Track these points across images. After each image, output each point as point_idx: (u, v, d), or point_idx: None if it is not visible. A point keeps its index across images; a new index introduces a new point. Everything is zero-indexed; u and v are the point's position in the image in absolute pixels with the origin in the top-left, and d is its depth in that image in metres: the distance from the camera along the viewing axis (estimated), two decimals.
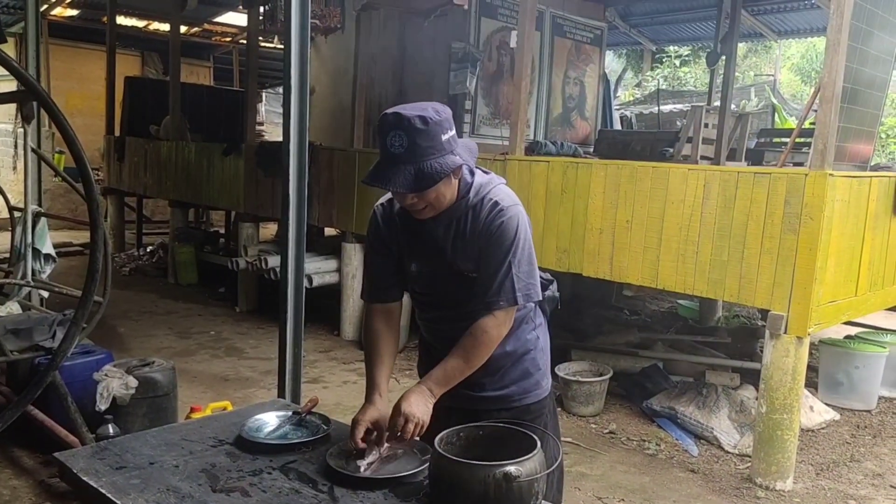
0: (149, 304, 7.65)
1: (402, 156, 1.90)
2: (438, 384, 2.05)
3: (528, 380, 2.26)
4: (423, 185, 1.92)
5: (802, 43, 19.05)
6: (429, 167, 1.90)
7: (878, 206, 4.46)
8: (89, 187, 3.08)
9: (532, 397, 2.27)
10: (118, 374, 3.70)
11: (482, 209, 2.07)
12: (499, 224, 2.04)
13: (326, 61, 9.11)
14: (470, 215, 2.08)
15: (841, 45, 3.76)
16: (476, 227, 2.06)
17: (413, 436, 1.98)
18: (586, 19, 8.90)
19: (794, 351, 3.91)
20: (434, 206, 2.03)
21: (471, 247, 2.08)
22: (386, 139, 1.93)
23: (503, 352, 2.19)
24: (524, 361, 2.25)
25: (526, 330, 2.26)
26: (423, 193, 1.97)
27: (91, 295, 3.14)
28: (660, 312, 8.03)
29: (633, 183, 4.54)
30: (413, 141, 1.90)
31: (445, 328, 2.23)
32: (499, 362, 2.19)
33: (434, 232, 2.11)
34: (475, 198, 2.08)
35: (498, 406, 2.22)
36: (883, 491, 4.10)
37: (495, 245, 2.04)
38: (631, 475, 4.13)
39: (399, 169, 1.90)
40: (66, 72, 13.21)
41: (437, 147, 1.92)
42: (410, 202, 2.00)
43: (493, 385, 2.22)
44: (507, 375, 2.23)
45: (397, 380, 5.57)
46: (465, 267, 2.10)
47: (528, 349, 2.26)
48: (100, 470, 1.96)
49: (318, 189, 6.65)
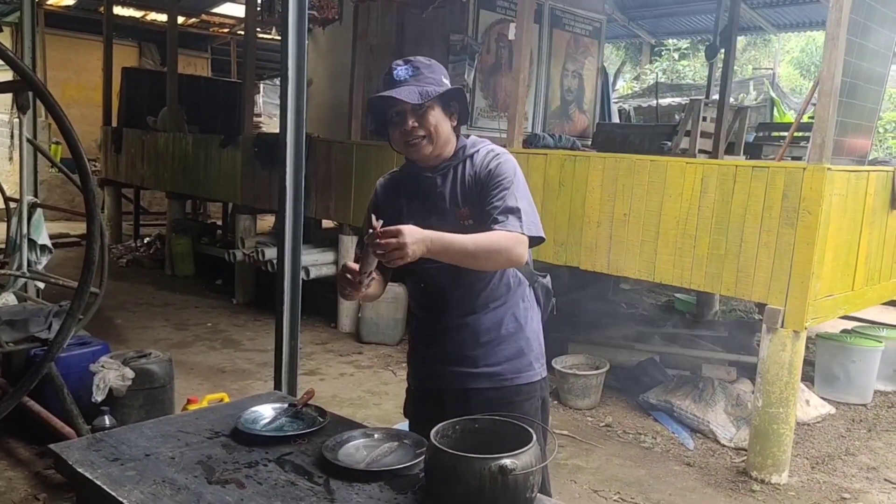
0: (146, 295, 7.65)
1: (407, 80, 2.09)
2: (440, 238, 1.92)
3: (521, 359, 2.25)
4: (425, 97, 2.05)
5: (802, 37, 19.04)
6: (431, 89, 2.08)
7: (876, 201, 4.46)
8: (85, 178, 3.06)
9: (524, 378, 2.26)
10: (115, 366, 3.69)
11: (478, 155, 2.18)
12: (497, 164, 2.13)
13: (324, 53, 9.08)
14: (468, 163, 2.18)
15: (840, 39, 3.75)
16: (474, 172, 2.15)
17: (388, 247, 1.83)
18: (585, 12, 8.88)
19: (791, 345, 3.92)
20: (432, 137, 2.11)
21: (471, 193, 2.14)
22: (393, 71, 2.12)
23: (495, 321, 2.21)
24: (517, 339, 2.25)
25: (519, 306, 2.27)
26: (424, 117, 2.09)
27: (87, 286, 3.13)
28: (657, 306, 8.03)
29: (631, 176, 4.53)
30: (418, 70, 2.11)
31: (437, 296, 2.23)
32: (490, 333, 2.21)
33: (433, 184, 2.17)
34: (471, 149, 2.21)
35: (489, 384, 2.21)
36: (877, 484, 4.12)
37: (495, 179, 2.10)
38: (627, 468, 4.14)
39: (403, 87, 2.06)
40: (62, 62, 13.15)
41: (438, 81, 2.12)
42: (412, 126, 2.09)
43: (486, 360, 2.22)
44: (501, 352, 2.23)
45: (394, 372, 5.58)
46: (464, 213, 2.14)
47: (520, 325, 2.26)
48: (95, 461, 1.96)
49: (316, 181, 6.64)
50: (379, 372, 5.59)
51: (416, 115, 2.09)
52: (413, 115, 2.09)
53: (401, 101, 2.05)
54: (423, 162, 2.17)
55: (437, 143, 2.13)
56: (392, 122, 2.14)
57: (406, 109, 2.08)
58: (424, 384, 2.38)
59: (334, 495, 1.83)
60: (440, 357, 2.27)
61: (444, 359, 2.26)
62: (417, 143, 2.11)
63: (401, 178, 2.30)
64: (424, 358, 2.35)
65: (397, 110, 2.10)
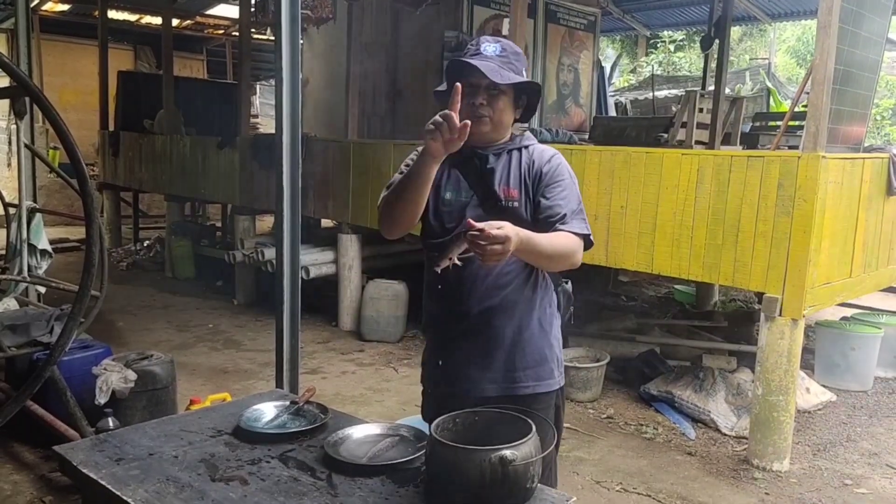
0: (146, 298, 7.67)
1: (493, 57, 2.09)
2: (529, 239, 1.87)
3: (543, 367, 2.20)
4: (506, 80, 2.05)
5: (798, 26, 19.02)
6: (513, 75, 2.08)
7: (872, 188, 4.48)
8: (83, 182, 3.08)
9: (544, 386, 2.21)
10: (117, 368, 3.71)
11: (534, 148, 2.19)
12: (558, 163, 2.15)
13: (319, 52, 9.08)
14: (523, 153, 2.18)
15: (832, 27, 3.76)
16: (531, 161, 2.15)
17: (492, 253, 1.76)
18: (580, 6, 8.89)
19: (790, 333, 3.93)
20: (493, 120, 2.11)
21: (525, 179, 2.13)
22: (481, 45, 2.12)
23: (519, 325, 2.15)
24: (541, 346, 2.20)
25: (546, 311, 2.22)
26: (495, 99, 2.09)
27: (88, 289, 3.15)
28: (656, 298, 8.05)
29: (627, 169, 4.55)
30: (505, 52, 2.12)
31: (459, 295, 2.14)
32: (513, 337, 2.15)
33: (483, 160, 2.15)
34: (527, 141, 2.21)
35: (509, 391, 2.15)
36: (879, 470, 4.14)
37: (556, 177, 2.11)
38: (629, 459, 4.16)
39: (487, 63, 2.05)
40: (58, 67, 13.15)
41: (519, 70, 2.13)
42: (480, 102, 2.08)
43: (507, 366, 2.16)
44: (523, 358, 2.17)
45: (395, 369, 5.60)
46: (513, 195, 2.12)
47: (544, 330, 2.21)
48: (99, 462, 1.98)
49: (314, 181, 6.65)
50: (381, 369, 5.61)
51: (488, 94, 2.08)
52: (486, 92, 2.08)
53: (478, 75, 2.03)
54: (474, 140, 2.07)
55: (497, 128, 2.13)
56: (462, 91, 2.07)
57: (481, 85, 2.07)
58: (442, 388, 2.26)
59: (337, 490, 1.85)
60: (459, 361, 2.19)
61: (463, 363, 2.19)
62: (478, 122, 2.08)
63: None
64: (442, 361, 2.25)
65: (472, 82, 2.07)
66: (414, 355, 5.95)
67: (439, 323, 2.27)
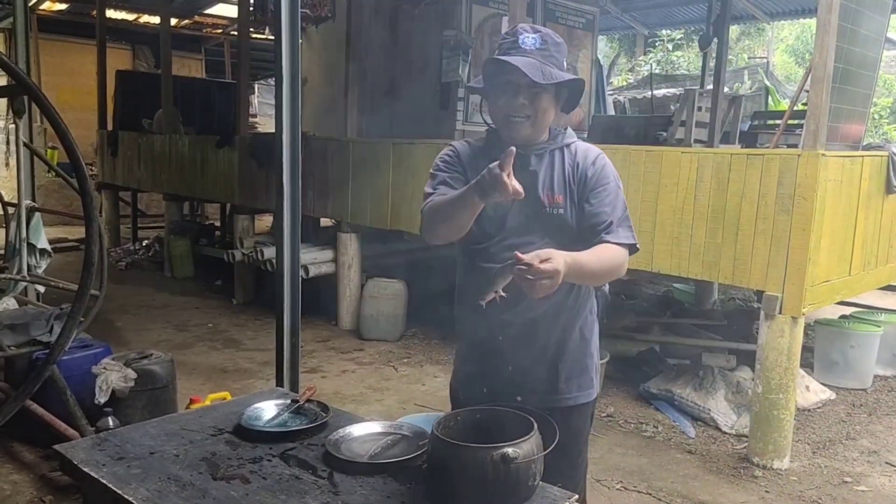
0: (145, 297, 7.66)
1: (533, 52, 1.95)
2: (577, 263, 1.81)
3: (583, 377, 2.14)
4: (549, 78, 1.92)
5: (797, 24, 19.04)
6: (555, 71, 1.95)
7: (871, 186, 4.48)
8: (83, 181, 3.08)
9: (584, 397, 2.15)
10: (117, 367, 3.70)
11: (577, 147, 2.09)
12: (603, 165, 2.06)
13: (318, 51, 9.07)
14: (565, 152, 2.08)
15: (831, 25, 3.76)
16: (575, 163, 2.05)
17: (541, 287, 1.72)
18: (578, 4, 8.87)
19: (789, 331, 3.93)
20: (534, 120, 1.99)
21: (569, 183, 2.04)
22: (519, 36, 1.98)
23: (562, 335, 2.08)
24: (583, 356, 2.14)
25: (587, 319, 2.16)
26: (537, 98, 1.97)
27: (87, 289, 3.15)
28: (655, 296, 8.05)
29: (627, 167, 4.54)
30: (545, 44, 1.98)
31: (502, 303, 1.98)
32: (556, 347, 2.08)
33: (525, 162, 2.02)
34: (569, 139, 2.11)
35: (549, 402, 2.06)
36: (879, 468, 4.14)
37: (602, 180, 2.02)
38: (629, 457, 4.16)
39: (527, 58, 1.92)
40: (56, 67, 13.14)
41: (560, 63, 2.00)
42: (521, 103, 1.97)
43: (549, 376, 2.09)
44: (564, 368, 2.10)
45: (395, 368, 5.60)
46: (558, 201, 2.02)
47: (586, 340, 2.15)
48: (100, 461, 1.97)
49: (313, 180, 6.65)
50: (380, 368, 5.61)
51: (529, 93, 1.96)
52: (527, 91, 1.95)
53: (518, 73, 1.90)
54: (513, 140, 1.97)
55: (538, 127, 2.02)
56: (500, 90, 2.00)
57: (522, 83, 1.94)
58: (479, 397, 2.12)
59: (338, 488, 1.85)
60: (500, 371, 2.10)
61: (504, 374, 2.10)
62: (519, 123, 2.00)
63: (484, 147, 2.13)
64: (481, 370, 2.16)
65: (511, 79, 1.95)
66: (413, 354, 5.95)
67: (478, 332, 2.14)
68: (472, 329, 2.17)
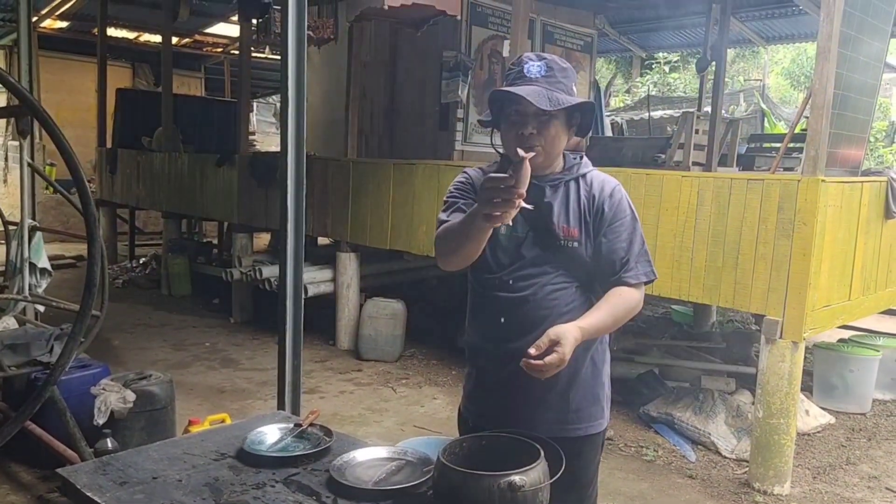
0: (143, 316, 7.63)
1: (538, 79, 1.94)
2: (589, 330, 1.84)
3: (594, 406, 2.11)
4: (555, 104, 1.90)
5: (792, 47, 19.20)
6: (563, 97, 1.93)
7: (870, 211, 4.50)
8: (86, 201, 3.07)
9: (595, 427, 2.11)
10: (116, 388, 3.69)
11: (593, 178, 2.06)
12: (620, 197, 2.03)
13: (319, 72, 9.12)
14: (581, 183, 2.05)
15: (831, 52, 3.80)
16: (591, 196, 2.02)
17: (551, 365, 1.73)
18: (576, 27, 8.95)
19: (790, 356, 3.94)
20: (545, 148, 1.96)
21: (585, 215, 2.01)
22: (524, 65, 1.97)
23: (574, 364, 1.96)
24: (594, 385, 2.11)
25: (598, 347, 2.11)
26: (546, 126, 1.94)
27: (89, 309, 3.13)
28: (654, 318, 8.05)
29: (627, 190, 4.46)
30: (552, 70, 1.96)
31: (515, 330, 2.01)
32: (568, 377, 2.02)
33: (540, 193, 1.99)
34: (585, 169, 2.08)
35: (560, 433, 2.02)
36: (879, 493, 4.13)
37: (620, 214, 2.00)
38: (630, 482, 4.14)
39: (533, 87, 1.91)
40: (56, 84, 13.17)
41: (568, 89, 1.97)
42: (530, 132, 1.94)
43: (559, 406, 2.06)
44: (575, 398, 2.07)
45: (394, 389, 5.58)
46: (573, 234, 1.99)
47: (598, 369, 2.12)
48: (103, 485, 1.95)
49: (312, 199, 6.66)
50: (379, 389, 5.59)
51: (538, 122, 1.93)
52: (535, 120, 1.93)
53: (525, 102, 1.89)
54: None
55: (549, 155, 1.99)
56: (509, 120, 1.98)
57: (529, 112, 1.92)
58: (488, 425, 2.06)
59: None
60: (510, 399, 2.07)
61: (514, 402, 2.06)
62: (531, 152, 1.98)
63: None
64: (491, 398, 2.14)
65: (518, 110, 1.94)
66: (412, 375, 5.93)
67: (488, 360, 2.13)
68: (482, 357, 2.15)
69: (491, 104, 2.04)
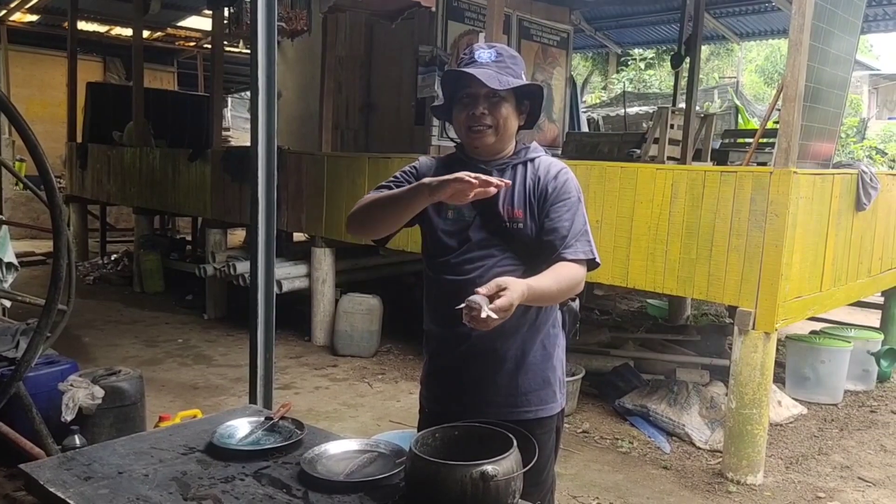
0: (114, 313, 7.52)
1: (488, 64, 2.00)
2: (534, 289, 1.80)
3: (545, 390, 2.13)
4: (504, 85, 1.97)
5: (765, 45, 19.43)
6: (512, 80, 2.00)
7: (841, 203, 4.55)
8: (51, 193, 3.01)
9: (547, 410, 2.14)
10: (84, 384, 3.62)
11: (540, 162, 2.10)
12: (565, 179, 2.06)
13: (293, 65, 9.05)
14: (528, 167, 2.08)
15: (803, 44, 3.82)
16: (537, 178, 2.05)
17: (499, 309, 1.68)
18: (553, 22, 8.96)
19: (763, 346, 3.96)
20: (497, 129, 2.02)
21: (530, 198, 2.04)
22: (475, 52, 2.05)
23: (523, 348, 2.08)
24: (544, 368, 2.13)
25: (549, 332, 2.14)
26: (496, 107, 2.00)
27: (55, 303, 3.07)
28: (630, 312, 8.10)
29: (603, 183, 4.57)
30: (501, 57, 2.03)
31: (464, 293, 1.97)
32: (517, 360, 2.08)
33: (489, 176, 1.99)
34: (533, 153, 2.12)
35: (512, 416, 2.06)
36: (851, 483, 4.17)
37: (563, 195, 2.02)
38: (605, 473, 4.15)
39: (484, 70, 1.98)
40: (25, 78, 12.96)
41: (517, 74, 2.04)
42: (481, 112, 2.00)
43: (510, 390, 2.09)
44: (526, 381, 2.10)
45: (370, 384, 5.54)
46: (518, 216, 2.03)
47: (548, 353, 2.14)
48: (67, 481, 1.91)
49: (287, 194, 6.60)
50: (354, 384, 5.55)
51: (489, 103, 2.00)
52: (486, 101, 2.00)
53: (476, 83, 1.95)
54: (479, 153, 2.07)
55: (501, 137, 2.04)
56: (460, 103, 2.04)
57: (479, 94, 1.99)
58: (441, 409, 2.17)
59: None
60: (461, 383, 2.12)
61: (465, 385, 2.12)
62: (482, 131, 2.01)
63: (448, 162, 2.15)
64: (443, 382, 2.19)
65: (470, 92, 2.00)
66: (388, 370, 5.90)
67: (440, 343, 2.19)
68: (434, 341, 2.21)
69: (444, 89, 2.10)
